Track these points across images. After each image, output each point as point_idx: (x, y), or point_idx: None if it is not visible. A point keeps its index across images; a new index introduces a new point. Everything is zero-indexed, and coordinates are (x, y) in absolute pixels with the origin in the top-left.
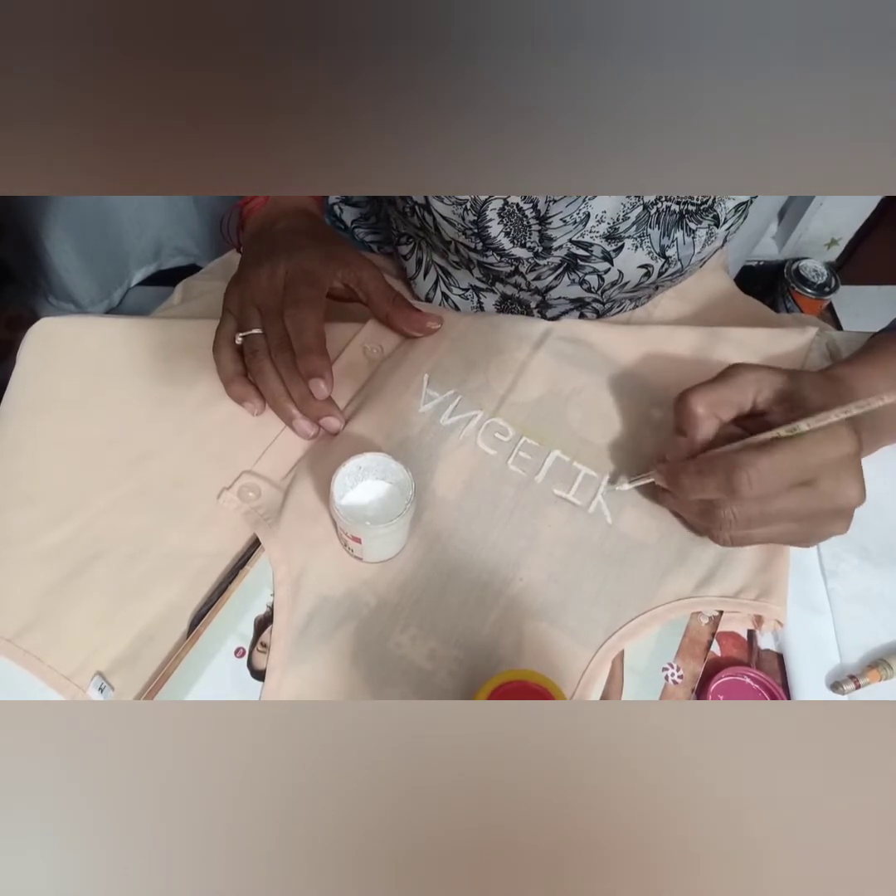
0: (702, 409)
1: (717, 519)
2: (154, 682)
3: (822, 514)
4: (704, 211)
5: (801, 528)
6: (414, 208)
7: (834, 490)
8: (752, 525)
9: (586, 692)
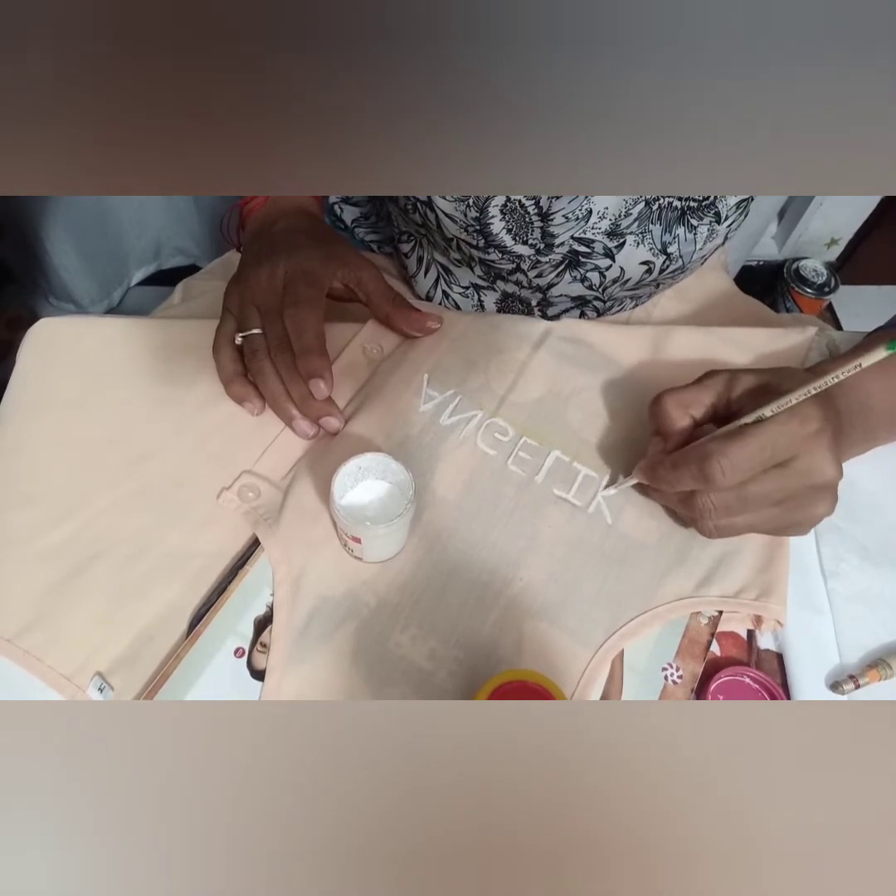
0: (674, 408)
1: (697, 509)
2: (154, 682)
3: (800, 495)
4: (706, 207)
5: (783, 513)
6: (416, 205)
7: (808, 467)
8: (731, 512)
9: (586, 692)
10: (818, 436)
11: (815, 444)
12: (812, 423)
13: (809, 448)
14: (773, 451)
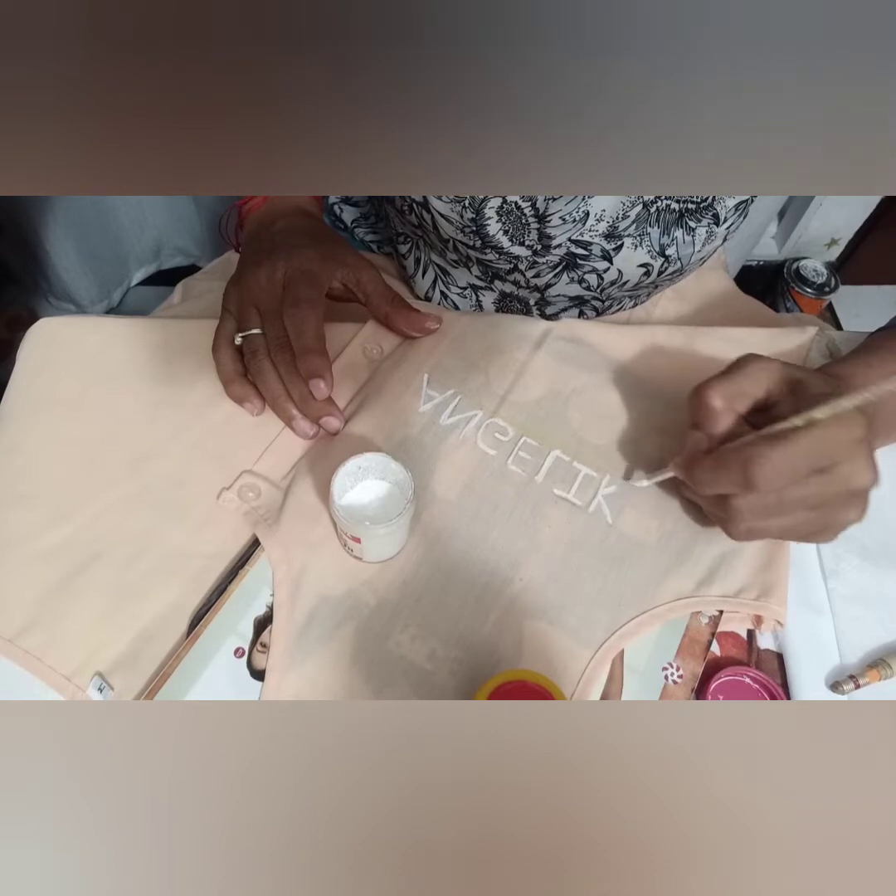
0: (718, 402)
1: (733, 509)
2: (154, 682)
3: (837, 500)
4: (704, 209)
5: (817, 517)
6: (412, 206)
7: (849, 473)
8: (769, 515)
9: (586, 692)
10: (861, 443)
11: (858, 450)
12: (857, 429)
13: (851, 454)
14: (817, 457)
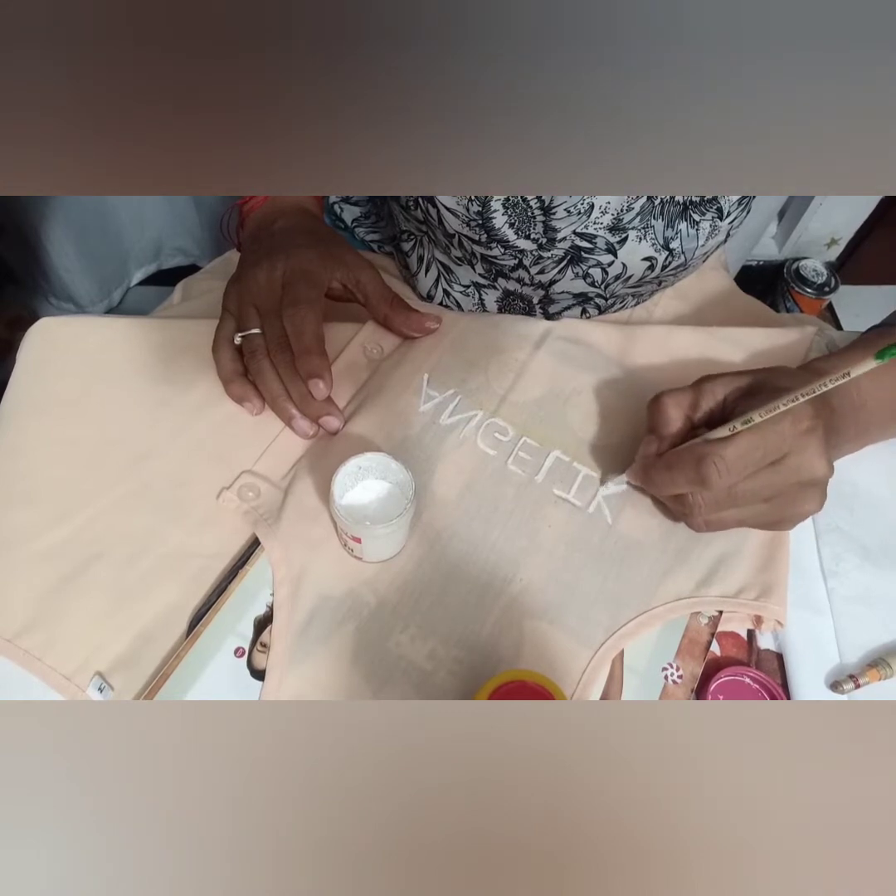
0: (672, 409)
1: (688, 504)
2: (154, 682)
3: (789, 491)
4: (708, 202)
5: (771, 509)
6: (417, 202)
7: (798, 465)
8: (721, 507)
9: (586, 692)
10: (809, 434)
11: (807, 441)
12: (804, 421)
13: (800, 446)
14: (765, 451)
